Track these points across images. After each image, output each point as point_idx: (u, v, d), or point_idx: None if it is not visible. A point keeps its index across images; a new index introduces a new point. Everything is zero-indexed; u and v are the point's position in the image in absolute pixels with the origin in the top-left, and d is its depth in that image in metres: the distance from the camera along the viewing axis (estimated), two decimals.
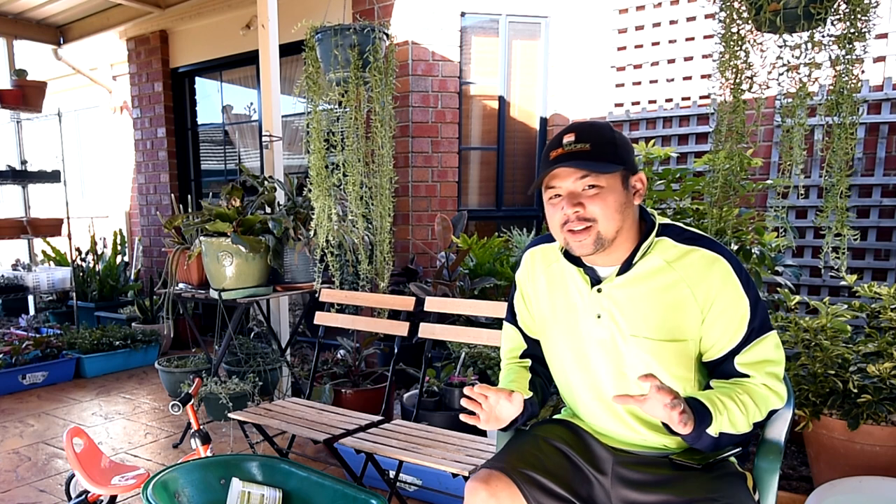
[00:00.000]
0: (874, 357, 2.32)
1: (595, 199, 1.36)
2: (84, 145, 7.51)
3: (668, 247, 1.41)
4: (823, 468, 2.36)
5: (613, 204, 1.36)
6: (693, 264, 1.38)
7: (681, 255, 1.39)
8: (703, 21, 3.78)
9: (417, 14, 4.16)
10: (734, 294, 1.36)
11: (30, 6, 5.34)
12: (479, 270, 3.69)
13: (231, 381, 3.32)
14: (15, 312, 6.15)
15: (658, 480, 1.42)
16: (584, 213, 1.36)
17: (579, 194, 1.37)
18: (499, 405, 1.41)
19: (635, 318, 1.41)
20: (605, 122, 1.46)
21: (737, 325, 1.36)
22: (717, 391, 1.37)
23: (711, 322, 1.37)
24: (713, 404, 1.31)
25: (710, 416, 1.30)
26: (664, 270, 1.39)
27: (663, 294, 1.39)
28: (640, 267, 1.41)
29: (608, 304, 1.44)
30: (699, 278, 1.37)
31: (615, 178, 1.37)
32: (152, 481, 1.80)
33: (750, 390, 1.36)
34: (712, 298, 1.36)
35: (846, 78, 2.11)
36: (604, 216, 1.36)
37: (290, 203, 3.43)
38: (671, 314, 1.38)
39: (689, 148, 3.85)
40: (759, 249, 2.69)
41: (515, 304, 1.68)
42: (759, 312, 1.37)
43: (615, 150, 1.37)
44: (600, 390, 1.50)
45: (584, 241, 1.38)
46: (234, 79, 5.66)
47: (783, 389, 1.39)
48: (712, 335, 1.38)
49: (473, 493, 1.40)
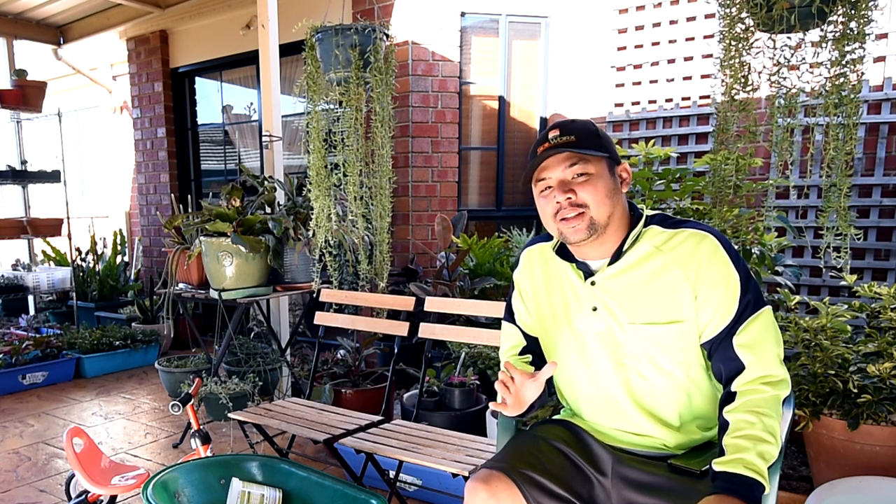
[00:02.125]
0: (874, 357, 2.32)
1: (585, 185, 1.40)
2: (84, 145, 7.51)
3: (656, 233, 1.44)
4: (823, 468, 2.36)
5: (603, 189, 1.40)
6: (681, 244, 1.40)
7: (668, 238, 1.42)
8: (703, 21, 3.78)
9: (417, 14, 4.16)
10: (724, 268, 1.37)
11: (30, 6, 5.34)
12: (479, 270, 3.69)
13: (231, 381, 3.32)
14: (15, 312, 6.15)
15: (659, 482, 1.42)
16: (575, 199, 1.40)
17: (569, 182, 1.41)
18: (523, 387, 1.43)
19: (631, 306, 1.43)
20: (586, 119, 1.51)
21: (730, 300, 1.36)
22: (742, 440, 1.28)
23: (704, 298, 1.38)
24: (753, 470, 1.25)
25: (759, 485, 1.25)
26: (654, 255, 1.42)
27: (655, 278, 1.41)
28: (631, 255, 1.44)
29: (603, 295, 1.46)
30: (688, 257, 1.39)
31: (602, 164, 1.42)
32: (152, 481, 1.80)
33: (761, 408, 1.30)
34: (703, 274, 1.37)
35: (846, 78, 2.11)
36: (595, 201, 1.40)
37: (290, 203, 3.43)
38: (665, 297, 1.40)
39: (689, 148, 3.85)
40: (759, 249, 2.69)
41: (514, 303, 1.69)
42: (752, 287, 1.37)
43: (599, 141, 1.42)
44: (601, 384, 1.50)
45: (577, 227, 1.41)
46: (234, 79, 5.66)
47: (785, 373, 1.35)
48: (707, 311, 1.38)
49: (473, 493, 1.40)
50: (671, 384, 1.44)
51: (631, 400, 1.47)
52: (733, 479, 1.25)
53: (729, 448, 1.30)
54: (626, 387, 1.47)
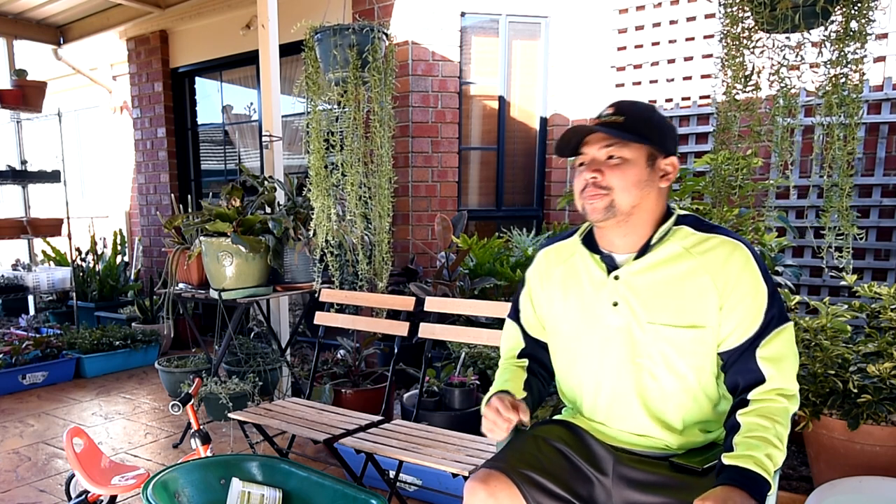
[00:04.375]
0: (874, 357, 2.32)
1: (615, 170, 1.40)
2: (84, 145, 7.51)
3: (686, 234, 1.43)
4: (823, 468, 2.36)
5: (632, 177, 1.39)
6: (712, 251, 1.39)
7: (699, 241, 1.41)
8: (703, 21, 3.78)
9: (417, 14, 4.16)
10: (754, 281, 1.37)
11: (30, 6, 5.34)
12: (479, 270, 3.69)
13: (231, 381, 3.32)
14: (15, 312, 6.14)
15: (660, 482, 1.42)
16: (601, 181, 1.40)
17: (602, 162, 1.41)
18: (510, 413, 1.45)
19: (653, 305, 1.42)
20: (649, 104, 1.50)
21: (755, 313, 1.36)
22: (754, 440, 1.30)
23: (731, 309, 1.37)
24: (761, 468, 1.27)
25: (767, 483, 1.26)
26: (683, 257, 1.41)
27: (682, 281, 1.40)
28: (659, 253, 1.43)
29: (625, 291, 1.45)
30: (719, 265, 1.38)
31: (640, 152, 1.40)
32: (152, 481, 1.80)
33: (774, 415, 1.33)
34: (732, 284, 1.37)
35: (846, 78, 2.10)
36: (620, 187, 1.39)
37: (290, 203, 3.43)
38: (690, 301, 1.39)
39: (689, 148, 3.85)
40: (759, 249, 2.69)
41: (521, 302, 1.68)
42: (777, 302, 1.38)
43: (648, 127, 1.40)
44: (611, 381, 1.49)
45: (595, 205, 1.41)
46: (234, 79, 5.66)
47: (796, 388, 1.38)
48: (731, 322, 1.38)
49: (472, 492, 1.40)
50: (681, 387, 1.44)
51: (639, 400, 1.46)
52: (743, 473, 1.26)
53: (740, 445, 1.31)
54: (636, 386, 1.46)
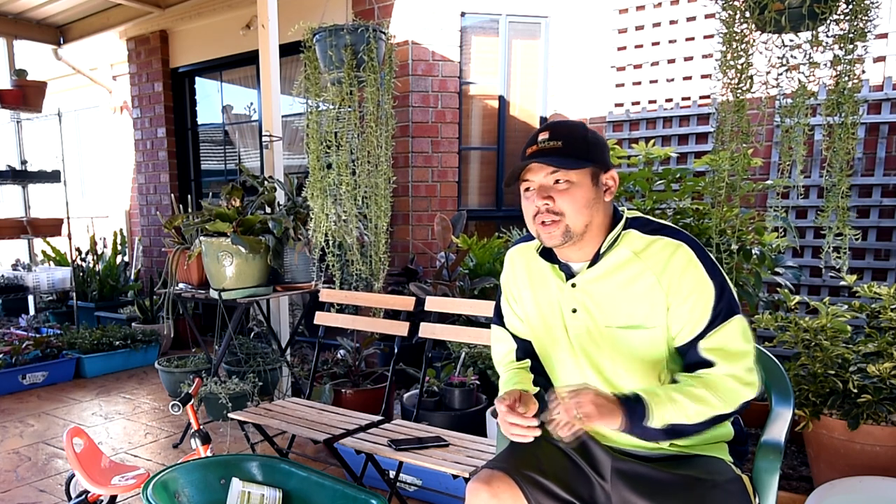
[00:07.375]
0: (874, 357, 2.32)
1: (564, 194, 1.42)
2: (84, 145, 7.51)
3: (634, 238, 1.46)
4: (823, 468, 2.36)
5: (581, 199, 1.42)
6: (657, 252, 1.42)
7: (646, 245, 1.44)
8: (703, 21, 3.78)
9: (417, 14, 4.16)
10: (697, 279, 1.38)
11: (30, 6, 5.34)
12: (478, 270, 3.69)
13: (231, 381, 3.32)
14: (15, 312, 6.14)
15: (658, 483, 1.41)
16: (553, 207, 1.42)
17: (550, 188, 1.43)
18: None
19: (607, 309, 1.45)
20: (579, 122, 1.53)
21: (701, 310, 1.37)
22: (666, 385, 1.40)
23: (676, 307, 1.39)
24: (652, 396, 1.33)
25: (645, 408, 1.31)
26: (632, 261, 1.44)
27: (632, 284, 1.43)
28: (610, 259, 1.46)
29: (582, 297, 1.48)
30: (663, 265, 1.40)
31: (584, 174, 1.43)
32: (152, 481, 1.80)
33: (710, 382, 1.36)
34: (676, 284, 1.39)
35: (847, 77, 2.11)
36: (572, 210, 1.42)
37: (290, 203, 3.43)
38: (639, 303, 1.42)
39: (689, 148, 3.85)
40: (759, 249, 2.69)
41: (502, 306, 1.72)
42: (726, 297, 1.38)
43: (587, 148, 1.42)
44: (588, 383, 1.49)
45: (552, 233, 1.44)
46: (234, 79, 5.66)
47: (754, 378, 1.37)
48: (678, 321, 1.40)
49: (475, 493, 1.40)
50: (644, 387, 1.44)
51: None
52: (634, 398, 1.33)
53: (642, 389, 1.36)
54: (607, 388, 1.46)
